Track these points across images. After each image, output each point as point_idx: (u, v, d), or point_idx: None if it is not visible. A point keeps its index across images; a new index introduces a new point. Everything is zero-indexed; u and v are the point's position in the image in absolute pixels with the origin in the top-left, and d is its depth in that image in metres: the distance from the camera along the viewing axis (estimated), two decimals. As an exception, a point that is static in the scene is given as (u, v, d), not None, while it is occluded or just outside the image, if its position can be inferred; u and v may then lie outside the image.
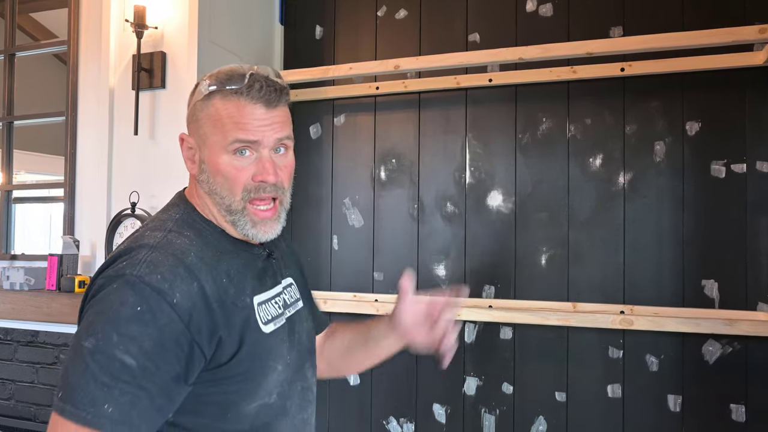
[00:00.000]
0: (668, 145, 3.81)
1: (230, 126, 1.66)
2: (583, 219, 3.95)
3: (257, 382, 1.65)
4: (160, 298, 1.47)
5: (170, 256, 1.56)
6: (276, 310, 1.78)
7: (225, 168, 1.67)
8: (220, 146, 1.67)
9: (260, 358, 1.66)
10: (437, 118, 4.34)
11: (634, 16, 3.92)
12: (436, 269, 4.27)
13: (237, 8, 4.38)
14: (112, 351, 1.40)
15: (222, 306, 1.58)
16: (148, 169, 4.06)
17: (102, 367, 1.39)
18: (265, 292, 1.77)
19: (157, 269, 1.51)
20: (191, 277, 1.54)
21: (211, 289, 1.57)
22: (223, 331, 1.56)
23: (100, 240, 4.15)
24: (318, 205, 4.59)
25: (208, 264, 1.62)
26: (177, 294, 1.49)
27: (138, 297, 1.46)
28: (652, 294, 3.80)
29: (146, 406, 1.43)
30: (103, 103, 4.21)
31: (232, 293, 1.63)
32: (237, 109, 1.66)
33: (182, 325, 1.48)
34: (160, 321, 1.45)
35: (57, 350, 4.20)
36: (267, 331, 1.70)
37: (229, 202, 1.70)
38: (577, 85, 4.00)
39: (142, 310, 1.45)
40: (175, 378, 1.48)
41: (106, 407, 1.38)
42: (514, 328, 4.07)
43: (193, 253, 1.61)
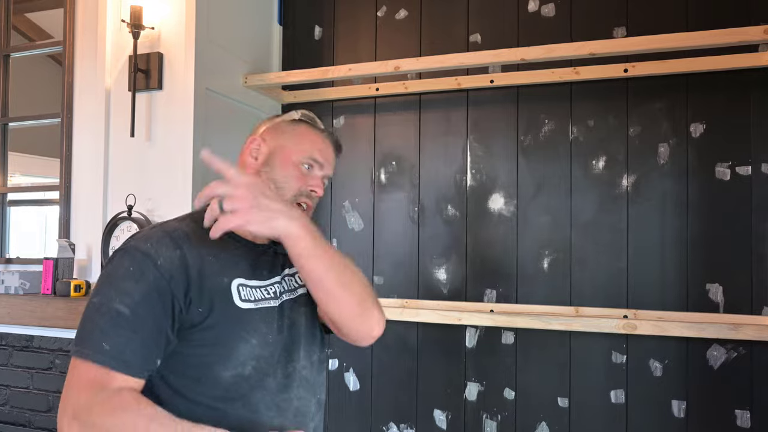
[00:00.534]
0: (672, 147, 3.81)
1: (311, 146, 2.20)
2: (586, 222, 3.94)
3: (228, 349, 1.91)
4: (147, 260, 1.85)
5: (161, 231, 1.96)
6: (261, 295, 2.05)
7: (294, 169, 2.15)
8: (299, 153, 2.17)
9: (230, 327, 1.92)
10: (438, 119, 4.34)
11: (638, 16, 3.91)
12: (436, 273, 4.27)
13: (235, 8, 4.36)
14: (111, 304, 1.79)
15: (200, 274, 1.91)
16: (145, 171, 4.03)
17: (104, 316, 1.79)
18: (255, 280, 2.06)
19: (148, 240, 1.91)
20: (175, 246, 1.91)
21: (192, 259, 1.91)
22: (194, 293, 1.88)
23: (96, 243, 4.14)
24: (317, 208, 4.55)
25: (196, 243, 1.96)
26: (161, 257, 1.86)
27: (131, 260, 1.86)
28: (656, 298, 3.79)
29: (137, 346, 1.78)
30: (99, 104, 4.19)
31: (215, 269, 1.95)
32: (319, 140, 2.23)
33: (165, 281, 1.84)
34: (147, 278, 1.83)
35: (52, 355, 4.19)
36: (242, 306, 1.97)
37: (282, 191, 2.11)
38: (580, 86, 4.00)
39: (134, 270, 1.84)
40: (162, 324, 1.83)
41: (104, 345, 1.75)
42: (515, 333, 4.07)
43: (182, 231, 1.98)
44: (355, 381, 4.44)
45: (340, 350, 4.47)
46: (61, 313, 3.96)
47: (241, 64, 4.40)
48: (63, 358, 4.14)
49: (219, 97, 4.12)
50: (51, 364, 4.19)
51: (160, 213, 3.97)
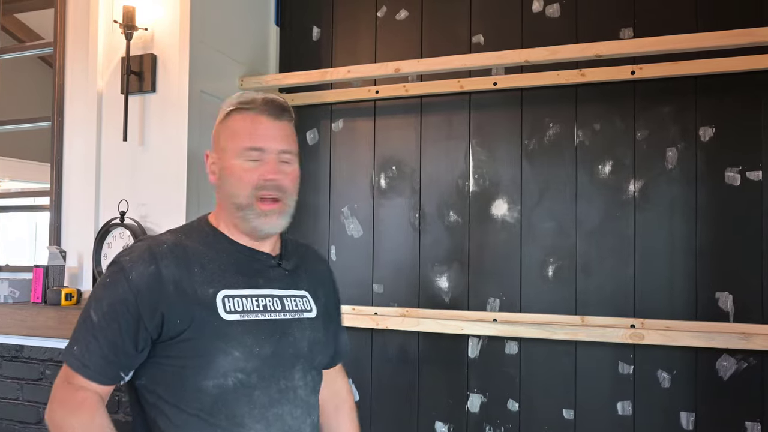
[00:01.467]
0: (681, 151, 3.79)
1: (243, 135, 2.11)
2: (592, 228, 3.93)
3: (206, 361, 1.96)
4: (121, 274, 1.98)
5: (145, 245, 2.06)
6: (250, 306, 2.08)
7: (237, 170, 2.09)
8: (234, 152, 2.11)
9: (210, 339, 1.97)
10: (439, 123, 4.32)
11: (645, 16, 3.89)
12: (438, 281, 4.25)
13: (230, 9, 4.36)
14: (89, 310, 1.99)
15: (177, 288, 1.98)
16: (138, 176, 4.03)
17: (81, 320, 1.99)
18: (246, 288, 2.10)
19: (131, 254, 2.03)
20: (151, 261, 1.99)
21: (169, 273, 1.98)
22: (166, 308, 1.95)
23: (88, 251, 4.13)
24: (315, 214, 4.56)
25: (180, 256, 2.04)
26: (134, 272, 1.97)
27: (110, 271, 2.02)
28: (664, 307, 3.77)
29: (95, 353, 1.93)
30: (90, 107, 4.19)
31: (200, 280, 2.02)
32: (248, 121, 2.12)
33: (132, 297, 1.94)
34: (117, 290, 1.96)
35: (43, 366, 4.17)
36: (226, 318, 2.00)
37: (239, 199, 2.09)
38: (586, 88, 3.98)
39: (110, 281, 1.99)
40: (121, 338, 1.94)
41: (75, 348, 1.97)
42: (519, 343, 4.05)
43: (167, 245, 2.05)
44: (354, 392, 4.42)
45: (338, 360, 4.45)
46: (51, 323, 3.95)
47: (237, 66, 4.41)
48: (53, 368, 4.12)
49: (214, 100, 4.09)
50: (41, 374, 4.17)
51: (154, 219, 3.96)
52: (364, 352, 4.38)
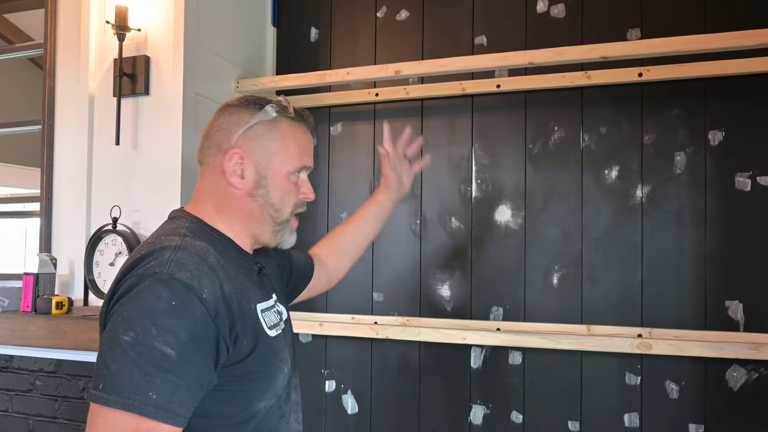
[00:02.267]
0: (689, 155, 3.78)
1: (298, 149, 2.08)
2: (598, 235, 3.92)
3: (268, 382, 1.92)
4: (191, 293, 1.70)
5: (195, 256, 1.81)
6: (275, 318, 2.05)
7: (287, 184, 2.07)
8: (287, 165, 2.06)
9: (270, 359, 1.92)
10: (441, 126, 4.31)
11: (653, 17, 3.88)
12: (439, 289, 4.24)
13: (226, 9, 4.34)
14: (152, 342, 1.62)
15: (239, 305, 1.84)
16: (131, 181, 4.02)
17: (144, 358, 1.61)
18: (265, 301, 2.04)
19: (185, 267, 1.75)
20: (215, 275, 1.79)
21: (228, 289, 1.82)
22: (239, 328, 1.81)
23: (79, 258, 4.11)
24: (313, 221, 4.55)
25: (223, 266, 1.88)
26: (205, 290, 1.73)
27: (172, 293, 1.69)
28: (672, 316, 3.76)
29: (184, 393, 1.65)
30: (82, 110, 4.18)
31: (243, 295, 1.90)
32: (303, 136, 2.11)
33: (209, 318, 1.72)
34: (193, 314, 1.69)
35: (33, 376, 4.15)
36: (272, 334, 1.96)
37: (283, 215, 2.09)
38: (592, 91, 3.97)
39: (176, 304, 1.67)
40: (207, 367, 1.72)
41: (151, 394, 1.60)
42: (523, 353, 4.04)
43: (212, 255, 1.86)
44: (354, 403, 4.41)
45: (337, 371, 4.45)
46: (42, 332, 3.93)
47: (233, 67, 4.39)
48: (44, 379, 4.10)
49: (209, 102, 4.08)
50: (31, 386, 4.15)
51: (147, 226, 3.95)
52: (363, 362, 4.37)
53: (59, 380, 4.06)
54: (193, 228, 1.98)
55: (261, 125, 2.06)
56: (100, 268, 3.99)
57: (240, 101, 2.12)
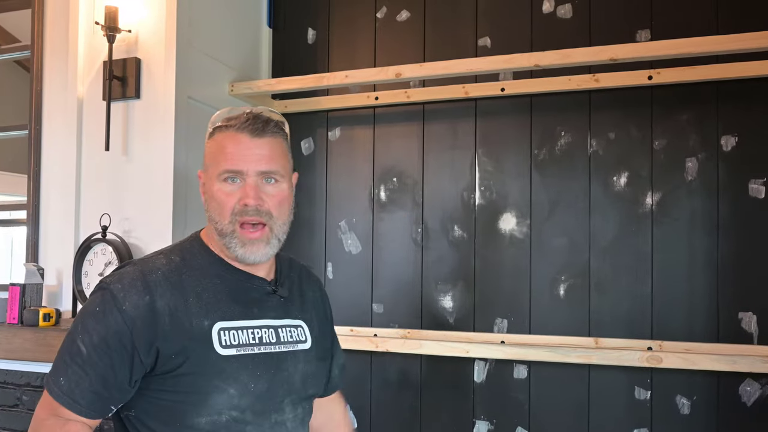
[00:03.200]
0: (701, 161, 3.76)
1: (221, 157, 2.08)
2: (606, 244, 3.90)
3: (202, 398, 1.97)
4: (112, 303, 1.94)
5: (138, 272, 2.03)
6: (246, 339, 2.08)
7: (217, 194, 2.08)
8: (214, 175, 2.09)
9: (206, 376, 1.98)
10: (443, 131, 4.29)
11: (663, 18, 3.86)
12: (441, 301, 4.22)
13: (219, 9, 4.33)
14: (75, 336, 1.95)
15: (173, 320, 1.96)
16: (121, 188, 4.00)
17: (66, 348, 1.96)
18: (241, 320, 2.09)
19: (121, 280, 2.00)
20: (145, 291, 1.97)
21: (164, 304, 1.97)
22: (162, 342, 1.94)
23: (67, 268, 4.09)
24: (310, 229, 4.54)
25: (175, 284, 2.03)
26: (127, 303, 1.94)
27: (101, 300, 1.97)
28: (683, 328, 3.75)
29: (86, 388, 1.91)
30: (70, 115, 4.16)
31: (195, 311, 2.01)
32: (228, 140, 2.08)
33: (127, 329, 1.92)
34: (108, 322, 1.93)
35: (19, 391, 4.12)
36: (222, 353, 2.01)
37: (221, 225, 2.08)
38: (600, 95, 3.96)
39: (99, 310, 1.96)
40: (113, 372, 1.92)
41: (61, 380, 1.92)
42: (529, 366, 4.02)
43: (161, 272, 2.04)
44: (352, 419, 4.38)
45: (335, 385, 4.43)
46: (29, 345, 3.92)
47: (227, 70, 4.38)
48: (31, 394, 4.08)
49: (202, 106, 4.07)
50: (18, 400, 4.14)
51: (138, 235, 3.93)
52: (362, 376, 4.35)
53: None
54: (182, 246, 2.20)
55: (208, 143, 2.17)
56: (89, 278, 3.97)
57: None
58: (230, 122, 2.10)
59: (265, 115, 2.13)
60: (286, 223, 2.18)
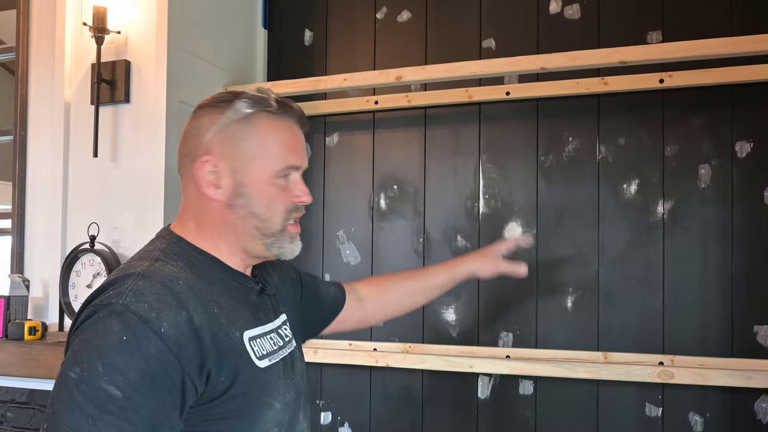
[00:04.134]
0: (715, 168, 3.73)
1: (280, 147, 1.93)
2: (616, 255, 3.87)
3: (251, 420, 1.79)
4: (146, 327, 1.60)
5: (158, 284, 1.71)
6: (271, 346, 1.95)
7: (270, 189, 1.92)
8: (269, 168, 1.92)
9: (255, 395, 1.81)
10: (446, 137, 4.27)
11: (675, 18, 3.83)
12: (444, 313, 4.18)
13: (213, 10, 4.32)
14: (97, 381, 1.54)
15: (213, 337, 1.72)
16: (110, 196, 3.99)
17: (87, 397, 1.53)
18: (259, 327, 1.94)
19: (143, 297, 1.66)
20: (179, 306, 1.69)
21: (200, 319, 1.71)
22: (212, 363, 1.69)
23: (54, 279, 4.06)
24: (307, 239, 4.50)
25: (198, 292, 1.78)
26: (164, 323, 1.63)
27: (124, 326, 1.60)
28: (696, 342, 3.72)
29: None
30: (57, 119, 4.14)
31: (224, 324, 1.79)
32: (286, 130, 1.95)
33: (171, 355, 1.61)
34: (147, 351, 1.58)
35: (3, 407, 4.08)
36: (261, 366, 1.85)
37: (270, 224, 1.94)
38: (609, 99, 3.92)
39: (127, 339, 1.59)
40: (165, 411, 1.61)
41: None
42: (535, 382, 3.99)
43: (182, 281, 1.77)
44: (351, 436, 4.38)
45: (334, 402, 4.40)
46: (13, 360, 3.90)
47: (220, 73, 4.37)
48: (16, 410, 4.05)
49: (194, 111, 4.05)
50: (2, 417, 4.10)
51: (127, 245, 3.91)
52: (362, 392, 4.31)
53: (32, 412, 4.02)
54: (171, 249, 1.91)
55: (235, 124, 1.91)
56: (77, 290, 3.95)
57: (212, 99, 1.98)
58: (282, 109, 1.95)
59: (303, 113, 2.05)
60: None
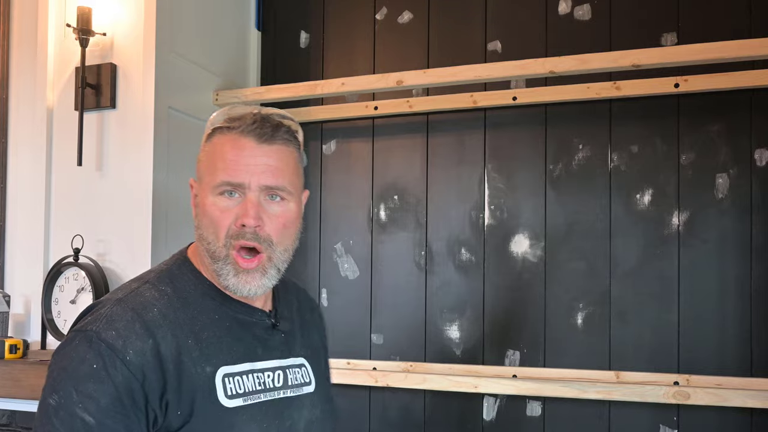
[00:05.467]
0: (733, 178, 3.72)
1: (220, 166, 1.87)
2: (629, 269, 3.86)
3: None
4: (114, 355, 1.70)
5: (130, 311, 1.79)
6: (254, 385, 1.92)
7: (210, 209, 1.88)
8: (209, 186, 1.89)
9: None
10: (449, 144, 4.26)
11: (691, 19, 3.82)
12: (447, 331, 4.17)
13: (203, 11, 4.30)
14: (74, 408, 1.66)
15: (178, 367, 1.77)
16: (95, 207, 3.97)
17: (66, 425, 1.66)
18: (249, 363, 1.93)
19: (113, 325, 1.75)
20: (147, 334, 1.76)
21: (168, 348, 1.77)
22: (172, 395, 1.75)
23: (36, 295, 4.02)
24: (303, 252, 4.49)
25: (173, 321, 1.82)
26: (130, 351, 1.72)
27: (95, 354, 1.71)
28: (713, 361, 3.71)
29: None
30: (39, 126, 4.12)
31: (195, 356, 1.81)
32: (229, 146, 1.88)
33: (137, 383, 1.71)
34: (115, 378, 1.69)
35: (-15, 428, 4.10)
36: (228, 405, 1.84)
37: (214, 247, 1.89)
38: (621, 104, 3.92)
39: (97, 367, 1.69)
40: None
41: None
42: (543, 403, 3.97)
43: (157, 309, 1.82)
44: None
45: (330, 423, 4.39)
46: (-7, 379, 3.88)
47: (211, 77, 4.36)
48: (31, 411, 4.05)
49: (184, 117, 4.06)
50: (-18, 439, 4.10)
51: (113, 258, 3.89)
52: (360, 413, 4.29)
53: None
54: (170, 271, 1.97)
55: (203, 147, 1.98)
56: (60, 306, 3.92)
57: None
58: (233, 123, 1.88)
59: (276, 117, 1.94)
60: (288, 251, 2.00)
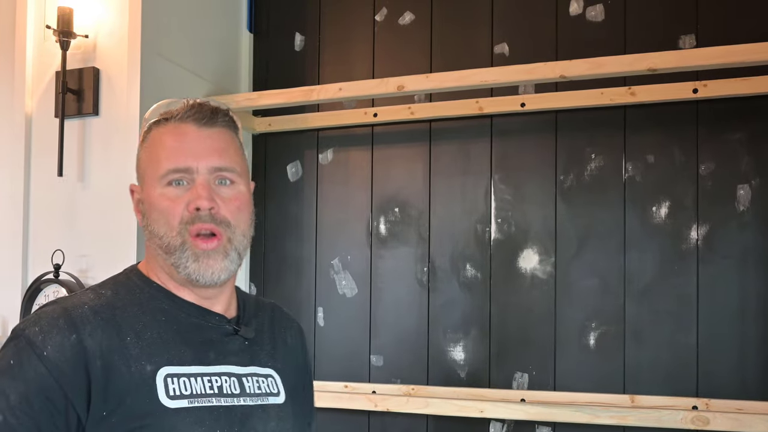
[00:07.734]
0: (755, 189, 3.71)
1: (163, 155, 1.93)
2: (644, 286, 3.85)
3: None
4: (30, 351, 1.74)
5: (59, 309, 1.84)
6: (201, 388, 1.92)
7: (159, 201, 1.93)
8: (154, 179, 1.94)
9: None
10: (453, 154, 4.26)
11: (710, 21, 3.81)
12: (451, 352, 4.16)
13: (192, 12, 4.28)
14: None
15: (107, 365, 1.78)
16: (77, 220, 3.94)
17: None
18: (195, 365, 1.93)
19: (38, 322, 1.81)
20: (70, 329, 1.78)
21: (95, 344, 1.79)
22: (97, 392, 1.77)
23: (14, 314, 3.95)
24: (298, 268, 4.49)
25: (108, 319, 1.85)
26: (48, 346, 1.74)
27: (14, 350, 1.77)
28: (734, 384, 3.69)
29: None
30: (17, 134, 4.11)
31: (134, 353, 1.84)
32: (169, 135, 1.95)
33: (52, 379, 1.72)
34: (27, 374, 1.72)
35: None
36: (169, 405, 1.84)
37: (167, 238, 1.92)
38: (636, 110, 3.91)
39: (13, 363, 1.75)
40: None
41: None
42: (553, 428, 3.95)
43: (88, 307, 1.86)
44: (347, 486, 4.36)
45: (327, 449, 4.39)
46: (-33, 402, 3.87)
47: (201, 82, 4.34)
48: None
49: (171, 125, 4.05)
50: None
51: (96, 274, 3.85)
52: (359, 439, 4.30)
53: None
54: (114, 278, 2.05)
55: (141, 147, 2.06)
56: (40, 325, 3.92)
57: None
58: (169, 114, 1.96)
59: (211, 103, 2.01)
60: (246, 236, 2.02)
